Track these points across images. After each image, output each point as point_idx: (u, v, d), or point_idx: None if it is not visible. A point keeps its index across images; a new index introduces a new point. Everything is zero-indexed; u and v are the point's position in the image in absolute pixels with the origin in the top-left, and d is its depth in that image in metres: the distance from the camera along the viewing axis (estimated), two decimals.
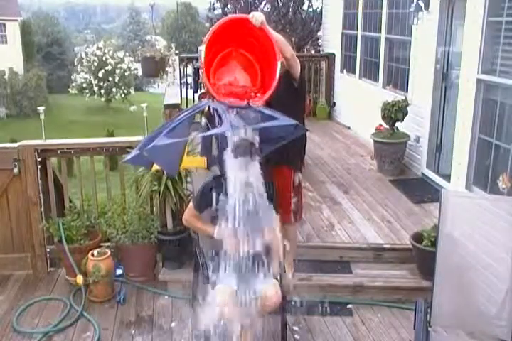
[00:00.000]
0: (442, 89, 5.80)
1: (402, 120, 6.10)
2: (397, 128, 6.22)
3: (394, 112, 6.03)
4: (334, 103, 9.13)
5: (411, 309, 3.10)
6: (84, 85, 28.94)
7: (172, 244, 4.29)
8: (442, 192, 2.96)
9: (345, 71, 8.80)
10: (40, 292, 4.23)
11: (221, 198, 3.01)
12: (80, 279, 4.04)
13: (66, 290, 4.23)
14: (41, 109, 5.01)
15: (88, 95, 29.06)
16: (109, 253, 4.15)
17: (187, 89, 8.26)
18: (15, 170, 4.26)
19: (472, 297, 2.86)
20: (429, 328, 2.89)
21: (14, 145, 4.40)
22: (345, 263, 4.39)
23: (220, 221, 3.03)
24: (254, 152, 2.88)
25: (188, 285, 3.89)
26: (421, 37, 6.12)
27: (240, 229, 2.96)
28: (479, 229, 2.84)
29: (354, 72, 8.39)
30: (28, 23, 33.99)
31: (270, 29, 3.16)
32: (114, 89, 29.01)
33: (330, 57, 9.16)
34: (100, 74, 28.26)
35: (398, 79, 6.94)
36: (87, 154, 4.48)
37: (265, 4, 13.79)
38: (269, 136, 2.97)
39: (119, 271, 4.40)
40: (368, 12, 7.94)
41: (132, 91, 30.27)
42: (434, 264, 2.88)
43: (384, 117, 6.15)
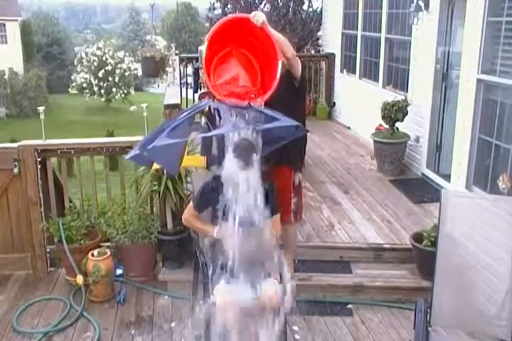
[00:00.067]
0: (442, 89, 5.80)
1: (402, 120, 6.10)
2: (397, 128, 6.22)
3: (394, 112, 6.03)
4: (334, 103, 9.13)
5: (411, 309, 3.10)
6: (84, 85, 28.94)
7: (172, 244, 4.29)
8: (442, 192, 2.96)
9: (345, 71, 8.80)
10: (40, 292, 4.23)
11: (221, 198, 3.01)
12: (80, 279, 4.04)
13: (66, 290, 4.23)
14: (41, 109, 5.01)
15: (88, 95, 29.06)
16: (109, 253, 4.15)
17: (187, 89, 8.26)
18: (15, 170, 4.26)
19: (472, 297, 2.86)
20: (429, 328, 2.89)
21: (14, 145, 4.40)
22: (345, 263, 4.39)
23: (220, 221, 3.03)
24: (254, 152, 2.88)
25: (188, 285, 3.89)
26: (421, 37, 6.12)
27: (240, 229, 2.96)
28: (479, 229, 2.84)
29: (354, 72, 8.38)
30: (28, 23, 33.98)
31: (271, 29, 3.16)
32: (114, 89, 29.01)
33: (330, 57, 9.16)
34: (100, 74, 28.26)
35: (398, 79, 6.94)
36: (87, 154, 4.49)
37: (265, 4, 13.79)
38: (269, 137, 2.97)
39: (119, 271, 4.40)
40: (368, 12, 7.94)
41: (132, 91, 30.27)
42: (434, 264, 2.88)
43: (384, 117, 6.15)
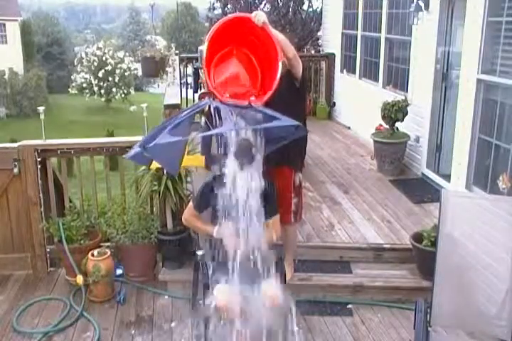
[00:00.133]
0: (442, 89, 5.80)
1: (402, 120, 6.10)
2: (397, 128, 6.22)
3: (394, 112, 6.03)
4: (334, 103, 9.13)
5: (411, 309, 3.10)
6: (84, 85, 28.96)
7: (172, 244, 4.29)
8: (442, 192, 2.96)
9: (345, 71, 8.80)
10: (40, 292, 4.23)
11: (221, 198, 3.01)
12: (80, 279, 4.04)
13: (66, 290, 4.23)
14: (41, 109, 5.00)
15: (88, 95, 29.08)
16: (109, 253, 4.15)
17: (187, 89, 8.26)
18: (15, 170, 4.26)
19: (472, 297, 2.86)
20: (429, 328, 2.89)
21: (14, 145, 4.39)
22: (345, 263, 4.39)
23: (220, 220, 3.03)
24: (254, 152, 2.88)
25: (188, 285, 3.89)
26: (421, 37, 6.12)
27: (240, 229, 2.96)
28: (479, 229, 2.84)
29: (354, 72, 8.38)
30: (28, 23, 34.00)
31: (272, 29, 3.16)
32: (114, 89, 29.03)
33: (330, 57, 9.16)
34: (100, 74, 28.27)
35: (398, 79, 6.94)
36: (87, 154, 4.49)
37: (265, 4, 13.80)
38: (269, 137, 2.97)
39: (119, 271, 4.40)
40: (368, 12, 7.94)
41: (132, 91, 30.28)
42: (434, 264, 2.88)
43: (384, 117, 6.15)
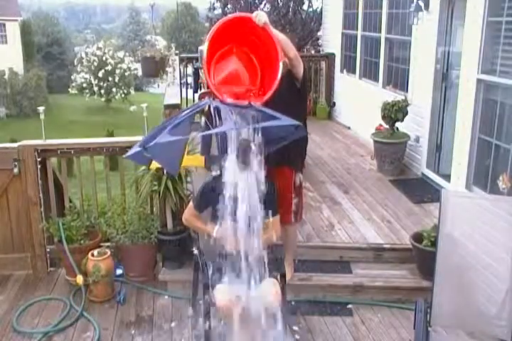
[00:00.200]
0: (442, 89, 5.80)
1: (402, 120, 6.10)
2: (397, 128, 6.22)
3: (394, 112, 6.03)
4: (334, 103, 9.13)
5: (411, 309, 3.10)
6: (84, 85, 28.97)
7: (172, 244, 4.29)
8: (442, 192, 2.96)
9: (345, 71, 8.80)
10: (40, 292, 4.23)
11: (221, 198, 3.01)
12: (80, 279, 4.04)
13: (66, 290, 4.23)
14: (41, 109, 5.00)
15: (88, 95, 29.08)
16: (109, 253, 4.15)
17: (187, 89, 8.27)
18: (15, 170, 4.26)
19: (472, 297, 2.86)
20: (429, 328, 2.89)
21: (14, 145, 4.39)
22: (345, 263, 4.39)
23: (220, 220, 3.04)
24: (254, 152, 2.88)
25: (188, 285, 3.89)
26: (421, 37, 6.12)
27: (240, 229, 2.97)
28: (479, 229, 2.84)
29: (354, 72, 8.38)
30: (28, 23, 34.00)
31: (273, 29, 3.16)
32: (114, 89, 29.03)
33: (330, 57, 9.16)
34: (100, 74, 28.28)
35: (398, 79, 6.94)
36: (87, 154, 4.49)
37: (265, 4, 13.80)
38: (269, 137, 2.97)
39: (119, 271, 4.40)
40: (368, 12, 7.94)
41: (132, 91, 30.29)
42: (434, 264, 2.88)
43: (384, 117, 6.15)
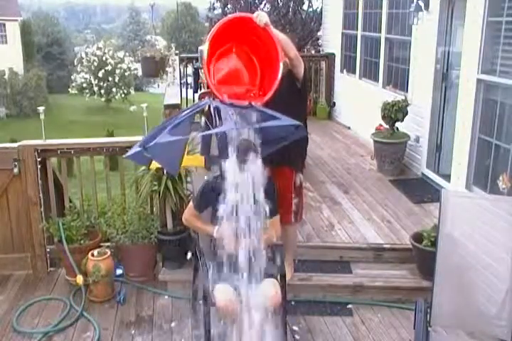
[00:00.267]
0: (442, 89, 5.80)
1: (402, 120, 6.10)
2: (397, 128, 6.22)
3: (394, 112, 6.03)
4: (334, 103, 9.13)
5: (411, 309, 3.09)
6: (84, 85, 28.97)
7: (172, 244, 4.29)
8: (442, 192, 2.96)
9: (345, 71, 8.80)
10: (40, 292, 4.23)
11: (221, 198, 3.01)
12: (80, 279, 4.04)
13: (66, 290, 4.23)
14: (41, 109, 5.00)
15: (88, 95, 29.09)
16: (109, 253, 4.15)
17: (187, 89, 8.27)
18: (15, 170, 4.26)
19: (472, 297, 2.86)
20: (429, 328, 2.89)
21: (14, 145, 4.39)
22: (345, 263, 4.39)
23: (220, 220, 3.03)
24: (254, 152, 2.88)
25: (188, 285, 3.89)
26: (421, 37, 6.12)
27: (240, 229, 2.97)
28: (479, 229, 2.84)
29: (354, 72, 8.38)
30: (28, 23, 34.00)
31: (274, 29, 3.16)
32: (114, 89, 29.04)
33: (330, 57, 9.16)
34: (100, 74, 28.28)
35: (398, 79, 6.94)
36: (87, 154, 4.48)
37: (265, 4, 13.80)
38: (269, 137, 2.97)
39: (119, 271, 4.40)
40: (368, 12, 7.94)
41: (132, 91, 30.29)
42: (434, 264, 2.88)
43: (384, 117, 6.15)
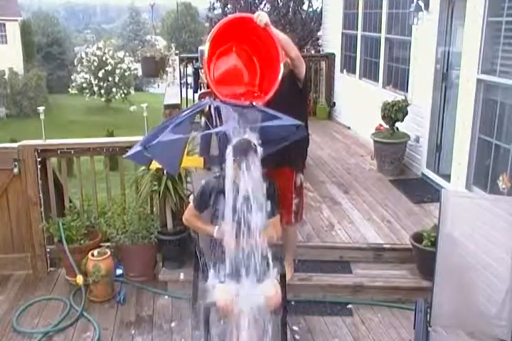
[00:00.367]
0: (442, 89, 5.80)
1: (402, 120, 6.10)
2: (397, 128, 6.22)
3: (394, 112, 6.03)
4: (334, 103, 9.13)
5: (411, 309, 3.09)
6: (84, 85, 28.99)
7: (172, 244, 4.29)
8: (442, 192, 2.96)
9: (345, 71, 8.80)
10: (40, 292, 4.23)
11: (221, 198, 3.01)
12: (80, 279, 4.04)
13: (66, 290, 4.23)
14: (41, 109, 5.01)
15: (88, 95, 29.10)
16: (109, 253, 4.15)
17: (187, 89, 8.27)
18: (15, 170, 4.26)
19: (472, 297, 2.86)
20: (429, 328, 2.89)
21: (14, 145, 4.39)
22: (345, 263, 4.39)
23: (220, 220, 3.03)
24: (255, 152, 2.88)
25: (188, 285, 3.89)
26: (421, 37, 6.12)
27: (240, 229, 2.96)
28: (479, 229, 2.84)
29: (354, 72, 8.38)
30: (28, 23, 34.02)
31: (275, 29, 3.16)
32: (114, 89, 29.06)
33: (330, 57, 9.15)
34: (100, 74, 28.30)
35: (398, 79, 6.94)
36: (87, 154, 4.49)
37: (265, 4, 13.80)
38: (270, 137, 2.97)
39: (119, 271, 4.40)
40: (368, 12, 7.94)
41: (132, 91, 30.31)
42: (434, 264, 2.88)
43: (384, 117, 6.15)
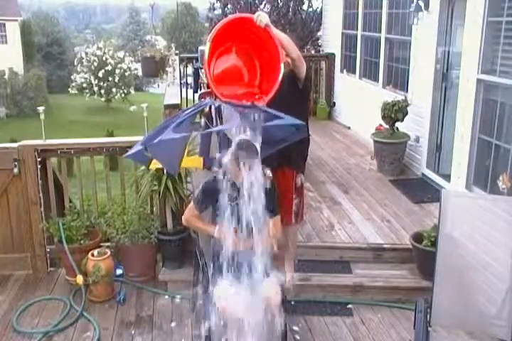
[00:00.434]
0: (442, 89, 5.80)
1: (402, 120, 6.10)
2: (397, 128, 6.22)
3: (394, 112, 6.03)
4: (334, 103, 9.13)
5: (411, 309, 3.10)
6: (84, 85, 28.98)
7: (172, 244, 4.29)
8: (442, 192, 2.96)
9: (345, 71, 8.80)
10: (40, 292, 4.23)
11: (221, 198, 3.01)
12: (80, 279, 4.04)
13: (66, 290, 4.24)
14: (41, 109, 5.00)
15: (88, 95, 29.09)
16: (109, 253, 4.15)
17: (187, 89, 8.26)
18: (15, 170, 4.26)
19: (472, 297, 2.86)
20: (429, 328, 2.89)
21: (14, 145, 4.40)
22: (345, 263, 4.39)
23: (220, 220, 3.03)
24: (256, 152, 2.88)
25: (188, 285, 3.89)
26: (421, 37, 6.12)
27: (240, 229, 2.96)
28: (479, 229, 2.84)
29: (354, 72, 8.38)
30: (28, 23, 34.03)
31: (276, 30, 3.15)
32: (114, 89, 29.04)
33: (330, 57, 9.16)
34: (100, 74, 28.29)
35: (398, 79, 6.94)
36: (87, 154, 4.49)
37: (265, 4, 13.79)
38: (271, 138, 2.97)
39: (119, 271, 4.40)
40: (368, 12, 7.94)
41: (132, 91, 30.30)
42: (434, 264, 2.88)
43: (384, 117, 6.15)
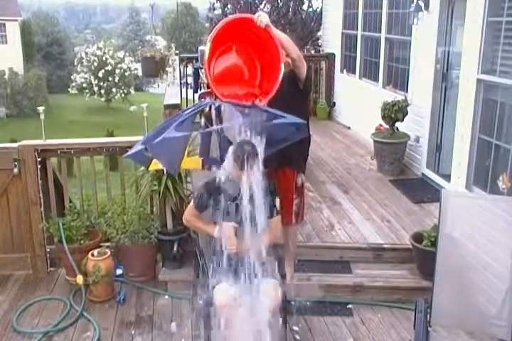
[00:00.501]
0: (442, 89, 5.80)
1: (402, 120, 6.10)
2: (397, 128, 6.22)
3: (394, 112, 6.03)
4: (334, 103, 9.13)
5: (411, 309, 3.10)
6: (84, 85, 28.98)
7: (172, 244, 4.29)
8: (442, 192, 2.96)
9: (345, 71, 8.80)
10: (40, 292, 4.23)
11: (221, 198, 3.01)
12: (80, 279, 4.04)
13: (66, 290, 4.24)
14: (41, 109, 5.00)
15: (88, 95, 29.09)
16: (109, 253, 4.15)
17: (187, 89, 8.26)
18: (15, 170, 4.26)
19: (472, 297, 2.86)
20: (429, 328, 2.89)
21: (14, 145, 4.40)
22: (345, 263, 4.39)
23: (220, 221, 3.04)
24: (256, 152, 2.88)
25: (188, 285, 3.89)
26: (421, 37, 6.12)
27: (240, 229, 2.97)
28: (479, 229, 2.84)
29: (354, 72, 8.38)
30: (28, 23, 34.03)
31: (276, 30, 3.15)
32: (114, 89, 29.04)
33: (330, 57, 9.16)
34: (100, 74, 28.29)
35: (398, 79, 6.94)
36: (87, 154, 4.49)
37: (265, 4, 13.80)
38: (270, 138, 2.97)
39: (119, 271, 4.40)
40: (368, 12, 7.94)
41: (132, 91, 30.30)
42: (434, 264, 2.88)
43: (384, 117, 6.15)
